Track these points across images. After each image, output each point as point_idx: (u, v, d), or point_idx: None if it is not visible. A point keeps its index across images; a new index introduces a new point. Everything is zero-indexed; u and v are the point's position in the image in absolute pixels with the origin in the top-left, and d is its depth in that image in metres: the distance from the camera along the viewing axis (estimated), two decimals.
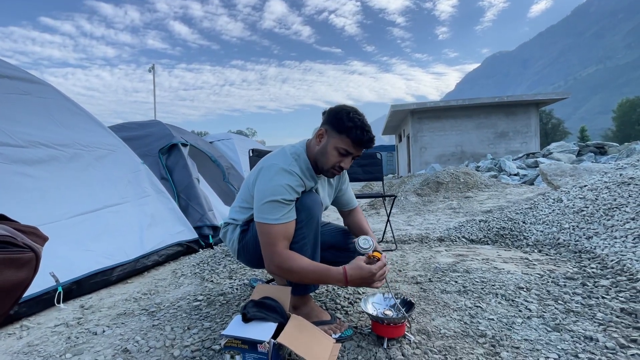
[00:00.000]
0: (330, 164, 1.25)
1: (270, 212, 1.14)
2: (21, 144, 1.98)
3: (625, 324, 1.22)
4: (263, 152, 2.41)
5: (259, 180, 1.21)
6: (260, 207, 1.15)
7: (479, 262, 2.08)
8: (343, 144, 1.22)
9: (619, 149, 8.98)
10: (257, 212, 1.17)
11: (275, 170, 1.18)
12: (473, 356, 1.07)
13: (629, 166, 3.00)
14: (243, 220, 1.33)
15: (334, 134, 1.22)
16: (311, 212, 1.20)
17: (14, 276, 0.51)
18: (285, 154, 1.26)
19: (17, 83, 2.18)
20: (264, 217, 1.14)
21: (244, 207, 1.33)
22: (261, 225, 1.15)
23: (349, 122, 1.19)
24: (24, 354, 1.27)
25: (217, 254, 2.64)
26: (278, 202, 1.14)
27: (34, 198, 1.91)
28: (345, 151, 1.22)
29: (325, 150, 1.24)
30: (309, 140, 1.34)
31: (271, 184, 1.16)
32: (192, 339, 1.29)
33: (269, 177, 1.18)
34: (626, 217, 2.14)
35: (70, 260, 1.87)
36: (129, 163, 2.70)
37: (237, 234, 1.34)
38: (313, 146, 1.28)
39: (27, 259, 0.52)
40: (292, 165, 1.21)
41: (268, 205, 1.14)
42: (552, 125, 37.45)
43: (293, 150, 1.28)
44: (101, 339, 1.35)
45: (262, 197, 1.16)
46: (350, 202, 1.54)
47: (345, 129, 1.20)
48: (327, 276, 1.12)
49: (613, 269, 1.72)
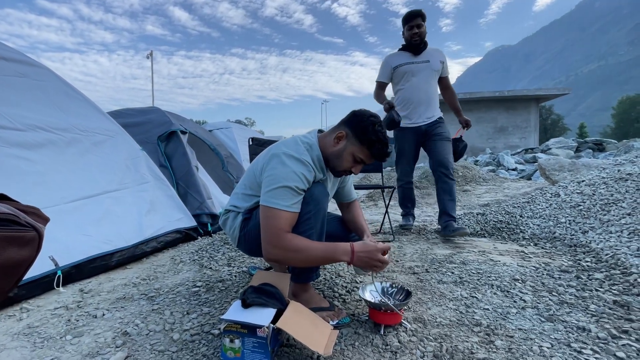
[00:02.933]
0: (343, 167, 1.27)
1: (282, 197, 1.11)
2: (19, 127, 1.96)
3: (617, 316, 1.25)
4: (263, 141, 2.40)
5: (271, 165, 1.18)
6: (271, 191, 1.12)
7: (475, 254, 2.10)
8: (362, 154, 1.24)
9: (617, 146, 9.01)
10: (266, 196, 1.13)
11: (289, 158, 1.16)
12: (468, 344, 1.09)
13: (627, 162, 3.01)
14: (246, 208, 1.32)
15: (355, 141, 1.23)
16: (319, 204, 1.20)
17: (17, 254, 0.51)
18: (297, 144, 1.23)
19: (13, 65, 2.14)
20: (274, 202, 1.11)
21: (248, 195, 1.31)
22: (269, 209, 1.12)
23: (373, 135, 1.21)
24: (24, 335, 1.28)
25: (215, 241, 2.65)
26: (291, 188, 1.12)
27: (33, 182, 1.90)
28: (361, 160, 1.25)
29: (341, 154, 1.24)
30: (323, 134, 1.32)
31: (285, 170, 1.14)
32: (191, 323, 1.30)
33: (283, 163, 1.15)
34: (622, 212, 2.16)
35: (69, 244, 1.87)
36: (128, 149, 2.68)
37: (238, 222, 1.33)
38: (328, 144, 1.27)
39: (29, 238, 0.53)
40: (304, 155, 1.19)
41: (281, 190, 1.12)
42: (551, 121, 37.45)
43: (305, 141, 1.26)
44: (101, 322, 1.37)
45: (274, 182, 1.13)
46: (349, 194, 1.54)
47: (368, 141, 1.22)
48: (335, 252, 1.12)
49: (607, 262, 1.74)
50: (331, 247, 1.13)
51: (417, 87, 2.59)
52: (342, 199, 1.54)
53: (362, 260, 1.12)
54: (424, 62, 2.58)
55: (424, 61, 2.58)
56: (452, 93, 2.77)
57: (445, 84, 2.74)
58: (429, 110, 2.62)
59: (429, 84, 2.59)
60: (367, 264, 1.13)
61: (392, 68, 2.66)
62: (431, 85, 2.61)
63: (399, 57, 2.65)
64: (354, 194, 1.56)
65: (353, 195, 1.55)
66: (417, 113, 2.63)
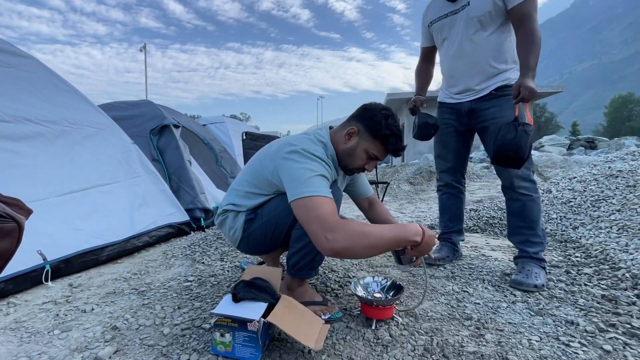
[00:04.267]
0: (355, 165, 1.21)
1: (320, 185, 1.02)
2: (5, 119, 1.91)
3: (605, 310, 1.26)
4: (256, 135, 2.37)
5: (294, 159, 1.08)
6: (307, 180, 1.02)
7: (467, 250, 2.12)
8: (375, 149, 1.18)
9: (609, 143, 9.14)
10: (301, 188, 1.01)
11: (311, 154, 1.09)
12: (458, 337, 1.10)
13: (617, 159, 3.05)
14: (249, 207, 1.24)
15: (368, 137, 1.17)
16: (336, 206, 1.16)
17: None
18: (315, 143, 1.17)
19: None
20: (315, 190, 1.00)
21: (253, 193, 1.23)
22: (311, 199, 0.99)
23: (386, 129, 1.15)
24: (11, 330, 1.26)
25: (208, 236, 2.64)
26: (325, 178, 1.06)
27: (20, 175, 1.86)
28: (374, 156, 1.19)
29: (353, 151, 1.19)
30: (333, 131, 1.26)
31: (314, 163, 1.08)
32: (182, 317, 1.29)
33: (307, 157, 1.08)
34: (612, 208, 2.19)
35: (58, 238, 1.84)
36: (119, 143, 2.64)
37: (240, 222, 1.24)
38: (339, 141, 1.21)
39: (9, 229, 0.51)
40: (323, 156, 1.14)
41: (317, 178, 1.03)
42: (545, 119, 37.84)
43: (321, 140, 1.20)
44: (90, 317, 1.35)
45: (306, 172, 1.04)
46: (365, 189, 1.48)
47: (381, 135, 1.16)
48: (405, 232, 1.04)
49: (597, 258, 1.77)
50: (400, 228, 1.05)
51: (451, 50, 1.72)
52: (359, 195, 1.47)
53: (428, 243, 1.07)
54: (461, 9, 1.64)
55: (462, 6, 1.64)
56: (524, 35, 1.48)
57: (517, 15, 1.51)
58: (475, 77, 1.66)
59: (470, 39, 1.63)
60: (427, 249, 1.09)
61: (427, 26, 1.84)
62: (473, 40, 1.63)
63: (436, 7, 1.77)
64: (369, 187, 1.50)
65: (369, 189, 1.49)
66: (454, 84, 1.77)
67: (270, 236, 1.22)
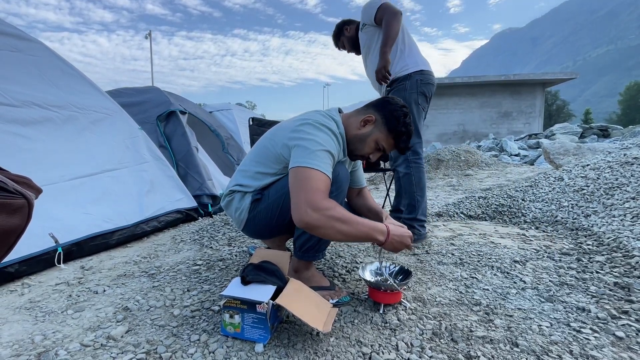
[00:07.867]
0: (362, 152, 1.23)
1: (322, 160, 1.04)
2: (14, 103, 1.92)
3: (617, 297, 1.24)
4: (264, 121, 2.35)
5: (305, 130, 1.11)
6: (312, 153, 1.04)
7: (476, 237, 2.10)
8: (386, 142, 1.20)
9: (623, 132, 8.89)
10: (304, 157, 1.04)
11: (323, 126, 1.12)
12: (467, 322, 1.09)
13: (634, 146, 2.97)
14: (256, 188, 1.24)
15: (383, 129, 1.19)
16: (342, 186, 1.17)
17: (6, 222, 0.49)
18: (327, 117, 1.18)
19: (6, 39, 2.07)
20: (315, 163, 1.02)
21: (260, 173, 1.23)
22: (308, 170, 1.01)
23: (403, 126, 1.19)
24: (25, 309, 1.29)
25: (216, 222, 2.66)
26: (330, 154, 1.08)
27: (30, 159, 1.88)
28: (382, 148, 1.21)
29: (365, 138, 1.20)
30: (346, 115, 1.27)
31: (324, 136, 1.10)
32: (191, 299, 1.31)
33: (319, 129, 1.11)
34: (627, 196, 2.14)
35: (69, 222, 1.87)
36: (127, 128, 2.64)
37: (247, 203, 1.25)
38: (352, 125, 1.22)
39: (18, 205, 0.50)
40: (335, 128, 1.16)
41: (322, 153, 1.06)
42: (556, 107, 36.93)
43: (332, 116, 1.21)
44: (102, 298, 1.38)
45: (313, 145, 1.06)
46: (360, 180, 1.48)
47: (396, 132, 1.19)
48: (374, 230, 1.07)
49: (609, 245, 1.73)
50: (372, 225, 1.07)
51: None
52: (353, 184, 1.47)
53: (394, 243, 1.09)
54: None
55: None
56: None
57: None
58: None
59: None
60: (396, 248, 1.11)
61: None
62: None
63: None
64: (364, 179, 1.51)
65: (363, 181, 1.49)
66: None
67: (276, 217, 1.22)
